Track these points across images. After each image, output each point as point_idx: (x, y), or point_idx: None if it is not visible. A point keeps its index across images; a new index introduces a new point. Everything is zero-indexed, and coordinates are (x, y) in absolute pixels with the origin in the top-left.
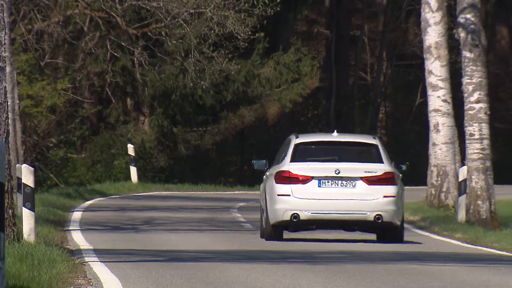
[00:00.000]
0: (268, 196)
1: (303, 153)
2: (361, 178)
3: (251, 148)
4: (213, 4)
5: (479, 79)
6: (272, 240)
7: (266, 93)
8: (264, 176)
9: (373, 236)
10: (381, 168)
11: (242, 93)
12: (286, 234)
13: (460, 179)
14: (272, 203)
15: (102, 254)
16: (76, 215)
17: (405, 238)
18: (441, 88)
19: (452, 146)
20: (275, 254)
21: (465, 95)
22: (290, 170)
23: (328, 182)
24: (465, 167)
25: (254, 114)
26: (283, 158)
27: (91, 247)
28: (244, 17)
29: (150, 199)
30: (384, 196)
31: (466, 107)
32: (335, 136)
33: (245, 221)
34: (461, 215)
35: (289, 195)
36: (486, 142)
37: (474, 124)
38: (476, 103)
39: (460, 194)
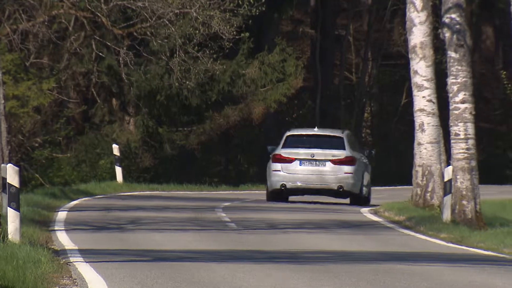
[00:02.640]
0: (268, 172)
1: (291, 142)
2: (329, 160)
3: (236, 148)
4: (198, 4)
5: (464, 79)
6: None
7: (251, 93)
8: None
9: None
10: (344, 153)
11: (227, 93)
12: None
13: (445, 179)
14: (270, 176)
15: (87, 254)
16: (61, 215)
17: (391, 237)
18: (426, 88)
19: (437, 145)
20: (260, 254)
21: (450, 95)
22: (281, 153)
23: (306, 162)
24: (450, 167)
25: (239, 114)
26: (278, 145)
27: (76, 247)
28: (229, 17)
29: (135, 199)
30: (345, 173)
31: (451, 107)
32: (315, 131)
33: (230, 221)
34: (446, 215)
35: (279, 171)
36: (471, 142)
37: (459, 124)
38: (461, 103)
39: (445, 194)
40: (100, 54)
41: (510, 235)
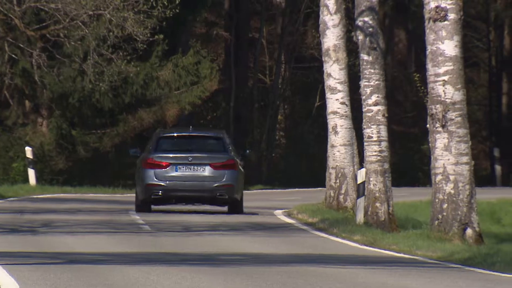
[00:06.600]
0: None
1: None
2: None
3: None
4: (112, 5)
5: (377, 82)
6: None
7: (165, 96)
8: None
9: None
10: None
11: (141, 95)
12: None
13: (358, 181)
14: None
15: (0, 256)
16: None
17: (304, 240)
18: (339, 90)
19: (351, 148)
20: (174, 257)
21: (363, 97)
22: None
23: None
24: (363, 169)
25: (153, 116)
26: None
27: None
28: (143, 18)
29: (48, 201)
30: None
31: (364, 110)
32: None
33: (144, 223)
34: (360, 217)
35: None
36: (384, 144)
37: (372, 126)
38: (374, 105)
39: (358, 196)
40: (14, 56)
41: (422, 237)
